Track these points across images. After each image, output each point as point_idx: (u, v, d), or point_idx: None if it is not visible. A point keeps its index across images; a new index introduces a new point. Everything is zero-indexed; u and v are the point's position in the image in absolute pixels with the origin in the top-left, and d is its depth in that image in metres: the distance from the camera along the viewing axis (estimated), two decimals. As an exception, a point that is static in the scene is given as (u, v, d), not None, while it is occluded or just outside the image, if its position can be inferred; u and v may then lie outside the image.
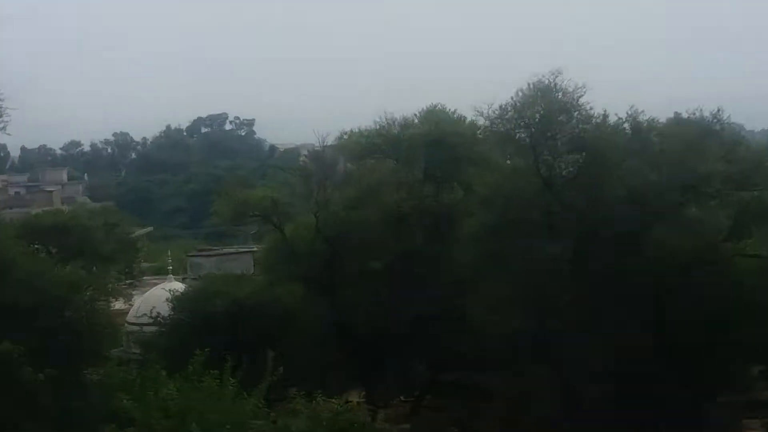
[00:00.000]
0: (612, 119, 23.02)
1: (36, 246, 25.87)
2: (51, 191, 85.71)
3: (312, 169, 34.31)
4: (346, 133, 29.95)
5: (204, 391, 13.82)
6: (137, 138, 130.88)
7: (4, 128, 23.28)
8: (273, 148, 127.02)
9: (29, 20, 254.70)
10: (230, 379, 14.08)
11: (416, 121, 28.16)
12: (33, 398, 18.00)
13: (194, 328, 24.63)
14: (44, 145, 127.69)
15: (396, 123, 28.15)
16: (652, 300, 21.40)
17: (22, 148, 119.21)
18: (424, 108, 28.44)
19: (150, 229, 71.61)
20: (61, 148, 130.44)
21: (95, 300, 22.17)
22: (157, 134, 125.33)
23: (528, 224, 21.91)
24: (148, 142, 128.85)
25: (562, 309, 21.16)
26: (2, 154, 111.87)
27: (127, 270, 36.43)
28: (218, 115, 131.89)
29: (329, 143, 30.87)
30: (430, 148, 26.65)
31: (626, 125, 23.15)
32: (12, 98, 22.59)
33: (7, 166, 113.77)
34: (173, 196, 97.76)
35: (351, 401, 22.31)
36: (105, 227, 36.42)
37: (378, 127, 28.31)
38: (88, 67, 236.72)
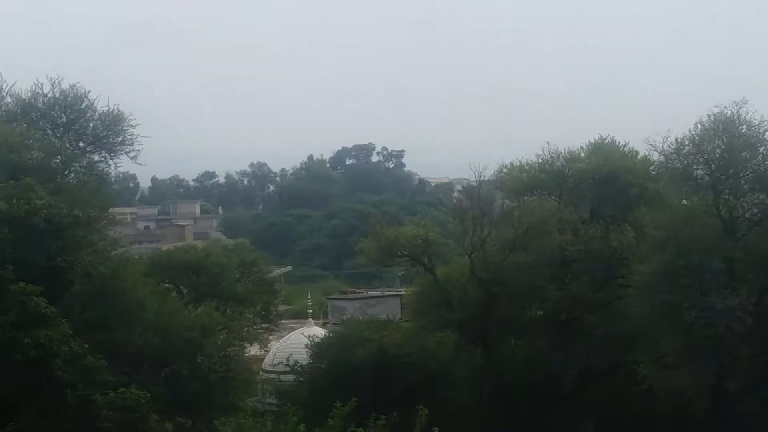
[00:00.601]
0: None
1: (166, 285, 27.21)
2: (183, 225, 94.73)
3: (467, 206, 36.54)
4: (505, 167, 32.76)
5: None
6: (276, 169, 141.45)
7: (135, 158, 26.70)
8: (423, 182, 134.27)
9: (166, 49, 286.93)
10: None
11: (583, 155, 30.78)
12: None
13: (335, 378, 27.91)
14: (176, 176, 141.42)
15: (560, 157, 30.96)
16: None
17: (153, 179, 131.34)
18: (592, 141, 31.08)
19: (288, 268, 78.97)
20: (194, 180, 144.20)
21: (229, 345, 23.70)
22: (298, 165, 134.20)
23: (706, 271, 23.56)
24: (288, 174, 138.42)
25: (742, 365, 22.97)
26: (132, 185, 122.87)
27: (263, 313, 38.39)
28: (364, 145, 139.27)
29: (486, 178, 32.91)
30: (599, 185, 29.23)
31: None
32: (144, 126, 26.47)
33: (137, 198, 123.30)
34: (314, 233, 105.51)
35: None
36: (240, 266, 40.03)
37: (540, 160, 31.28)
38: (223, 95, 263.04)
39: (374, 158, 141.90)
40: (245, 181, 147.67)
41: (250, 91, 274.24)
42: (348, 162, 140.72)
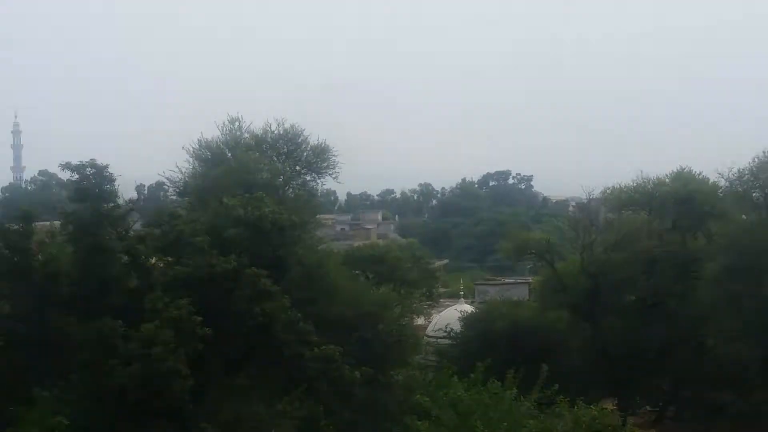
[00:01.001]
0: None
1: (356, 272, 28.09)
2: (369, 228, 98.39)
3: (579, 217, 38.41)
4: (608, 189, 35.25)
5: (488, 394, 15.20)
6: (437, 188, 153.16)
7: (336, 178, 29.56)
8: (546, 199, 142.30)
9: (359, 96, 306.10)
10: (509, 385, 15.55)
11: (667, 180, 32.77)
12: (350, 391, 20.01)
13: (480, 342, 29.67)
14: (365, 192, 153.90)
15: (650, 181, 33.05)
16: None
17: (348, 194, 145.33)
18: (674, 170, 33.19)
19: (446, 261, 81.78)
20: (377, 195, 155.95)
21: (402, 316, 25.10)
22: (454, 186, 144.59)
23: (760, 269, 25.26)
24: (447, 192, 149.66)
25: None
26: (333, 198, 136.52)
27: (427, 293, 39.79)
28: (503, 171, 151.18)
29: (594, 196, 35.73)
30: (679, 204, 30.99)
31: None
32: (342, 155, 28.70)
33: (336, 208, 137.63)
34: (465, 236, 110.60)
35: (606, 408, 27.46)
36: (411, 259, 43.47)
37: (635, 184, 33.54)
38: (399, 129, 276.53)
39: (510, 181, 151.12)
40: (415, 197, 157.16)
41: (419, 124, 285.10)
42: (491, 183, 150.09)
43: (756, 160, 26.71)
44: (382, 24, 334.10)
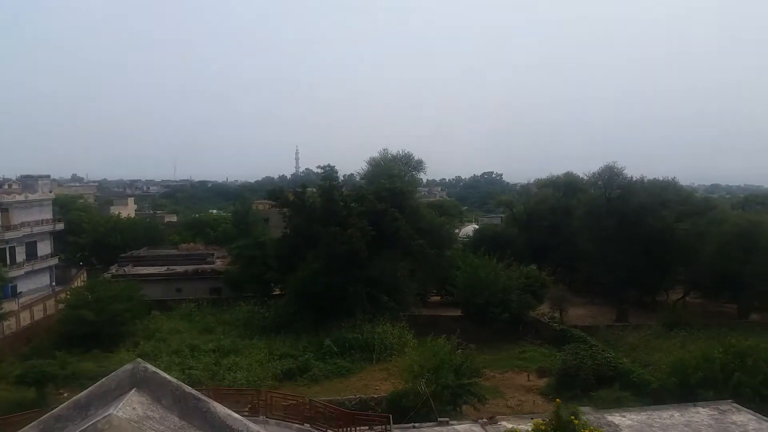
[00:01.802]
0: None
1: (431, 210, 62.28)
2: (436, 194, 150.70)
3: (523, 191, 69.92)
4: (537, 179, 65.03)
5: (483, 261, 47.89)
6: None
7: (424, 171, 62.00)
8: (511, 185, 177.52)
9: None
10: (491, 259, 48.20)
11: (561, 176, 60.48)
12: (428, 257, 47.67)
13: (479, 241, 60.48)
14: (434, 179, 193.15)
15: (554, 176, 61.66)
16: None
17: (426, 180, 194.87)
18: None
19: (466, 207, 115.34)
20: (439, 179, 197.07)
21: (450, 228, 56.94)
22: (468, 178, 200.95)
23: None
24: (465, 181, 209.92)
25: None
26: (422, 181, 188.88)
27: (459, 219, 71.26)
28: (489, 171, 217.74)
29: (530, 182, 67.55)
30: (565, 186, 58.61)
31: None
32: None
33: (424, 184, 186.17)
34: (473, 199, 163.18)
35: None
36: (453, 206, 73.80)
37: (546, 177, 61.61)
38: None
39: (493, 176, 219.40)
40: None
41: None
42: (484, 178, 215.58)
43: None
44: None
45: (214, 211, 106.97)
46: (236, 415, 6.93)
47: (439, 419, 23.21)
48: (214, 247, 70.40)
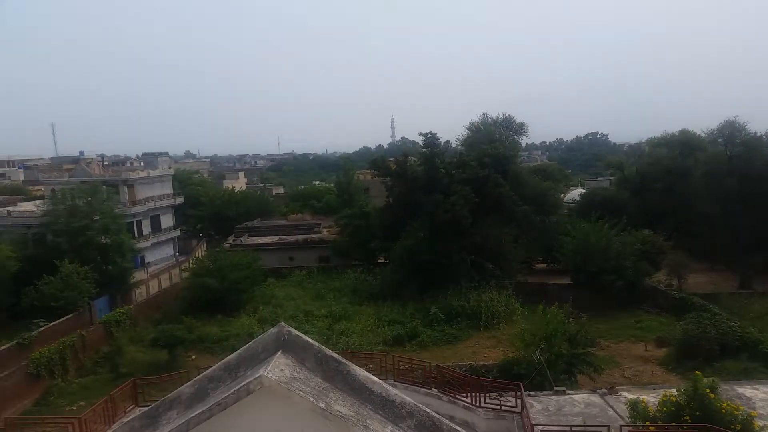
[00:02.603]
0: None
1: (534, 175, 60.55)
2: (537, 158, 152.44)
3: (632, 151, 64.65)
4: (650, 138, 58.70)
5: (595, 226, 46.55)
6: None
7: (526, 135, 59.61)
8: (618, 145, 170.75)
9: None
10: (604, 224, 45.75)
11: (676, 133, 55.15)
12: (534, 223, 47.80)
13: (586, 205, 55.66)
14: (533, 143, 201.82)
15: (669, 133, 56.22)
16: None
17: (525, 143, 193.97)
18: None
19: (570, 170, 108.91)
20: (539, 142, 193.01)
21: (555, 192, 55.04)
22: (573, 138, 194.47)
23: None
24: (570, 142, 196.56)
25: None
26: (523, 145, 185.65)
27: (564, 184, 68.37)
28: (594, 132, 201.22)
29: (642, 141, 60.41)
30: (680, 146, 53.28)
31: None
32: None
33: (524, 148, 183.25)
34: (578, 161, 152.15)
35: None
36: (557, 170, 70.27)
37: (661, 135, 56.52)
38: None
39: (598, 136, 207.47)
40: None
41: None
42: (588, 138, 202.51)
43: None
44: None
45: (317, 183, 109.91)
46: (375, 378, 7.11)
47: (555, 388, 22.75)
48: (320, 217, 72.50)
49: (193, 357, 36.83)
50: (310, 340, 7.35)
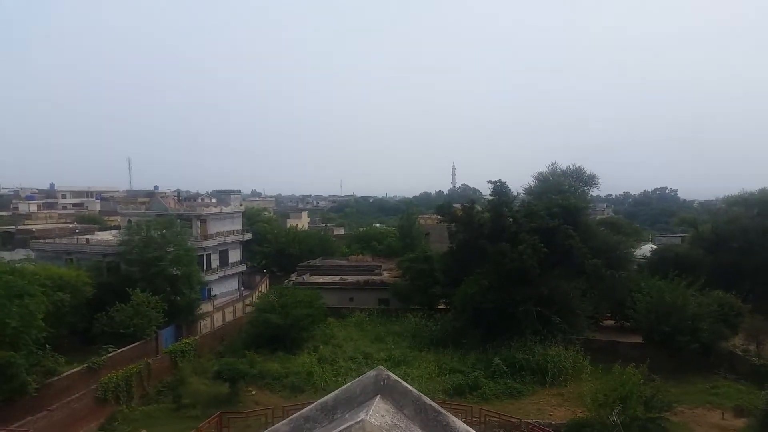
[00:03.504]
0: None
1: (602, 228, 58.79)
2: (601, 210, 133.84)
3: (706, 209, 59.57)
4: (725, 196, 55.41)
5: (670, 284, 43.66)
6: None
7: (596, 186, 57.35)
8: (688, 202, 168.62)
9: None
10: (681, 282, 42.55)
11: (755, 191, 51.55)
12: (603, 277, 44.80)
13: (659, 262, 52.61)
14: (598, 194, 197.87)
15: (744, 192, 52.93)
16: None
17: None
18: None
19: (637, 225, 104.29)
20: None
21: (626, 247, 52.91)
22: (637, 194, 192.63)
23: None
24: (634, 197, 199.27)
25: None
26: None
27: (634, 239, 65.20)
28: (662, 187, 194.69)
29: (716, 198, 56.04)
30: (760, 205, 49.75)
31: None
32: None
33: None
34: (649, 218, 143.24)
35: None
36: (627, 224, 66.61)
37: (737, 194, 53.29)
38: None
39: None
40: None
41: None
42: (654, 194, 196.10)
43: None
44: None
45: (377, 225, 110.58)
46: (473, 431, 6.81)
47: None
48: (381, 259, 72.53)
49: (253, 392, 36.97)
50: (408, 386, 7.08)
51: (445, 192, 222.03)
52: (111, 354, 35.07)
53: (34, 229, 65.07)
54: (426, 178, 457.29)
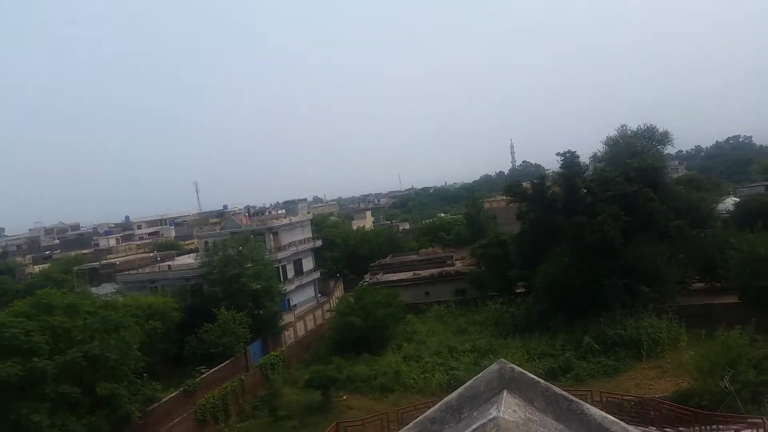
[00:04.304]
0: None
1: (680, 187, 55.88)
2: (676, 168, 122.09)
3: None
4: None
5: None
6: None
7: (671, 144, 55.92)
8: None
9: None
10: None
11: None
12: (688, 238, 41.93)
13: (741, 216, 48.39)
14: (669, 153, 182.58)
15: None
16: None
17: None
18: None
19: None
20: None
21: (710, 203, 49.75)
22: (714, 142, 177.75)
23: None
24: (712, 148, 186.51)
25: None
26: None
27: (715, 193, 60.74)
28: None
29: None
30: None
31: None
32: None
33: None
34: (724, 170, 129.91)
35: None
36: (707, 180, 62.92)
37: None
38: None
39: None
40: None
41: None
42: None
43: None
44: None
45: (442, 215, 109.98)
46: (612, 418, 6.44)
47: (748, 420, 20.37)
48: (451, 249, 72.11)
49: (345, 397, 37.44)
50: (535, 377, 6.83)
51: (506, 172, 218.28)
52: (204, 375, 36.21)
53: (118, 262, 68.26)
54: (484, 160, 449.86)
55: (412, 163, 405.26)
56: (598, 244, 40.70)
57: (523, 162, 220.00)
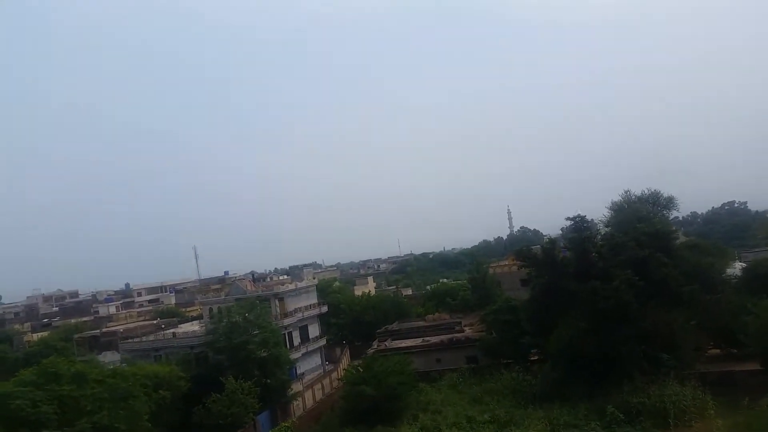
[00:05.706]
0: None
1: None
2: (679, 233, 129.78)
3: None
4: None
5: None
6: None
7: (676, 209, 55.47)
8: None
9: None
10: None
11: None
12: (697, 301, 40.79)
13: (747, 282, 47.31)
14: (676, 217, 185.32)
15: None
16: None
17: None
18: None
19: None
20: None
21: (719, 270, 49.50)
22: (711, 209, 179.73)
23: None
24: (710, 214, 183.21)
25: None
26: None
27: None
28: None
29: None
30: None
31: None
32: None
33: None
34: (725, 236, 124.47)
35: None
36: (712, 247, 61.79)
37: None
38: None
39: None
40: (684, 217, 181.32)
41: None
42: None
43: None
44: None
45: (445, 280, 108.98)
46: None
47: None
48: (458, 315, 70.77)
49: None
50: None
51: (504, 237, 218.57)
52: (213, 447, 34.54)
53: (122, 330, 66.71)
54: (482, 225, 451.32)
55: (410, 230, 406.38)
56: (612, 309, 39.83)
57: (521, 227, 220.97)
